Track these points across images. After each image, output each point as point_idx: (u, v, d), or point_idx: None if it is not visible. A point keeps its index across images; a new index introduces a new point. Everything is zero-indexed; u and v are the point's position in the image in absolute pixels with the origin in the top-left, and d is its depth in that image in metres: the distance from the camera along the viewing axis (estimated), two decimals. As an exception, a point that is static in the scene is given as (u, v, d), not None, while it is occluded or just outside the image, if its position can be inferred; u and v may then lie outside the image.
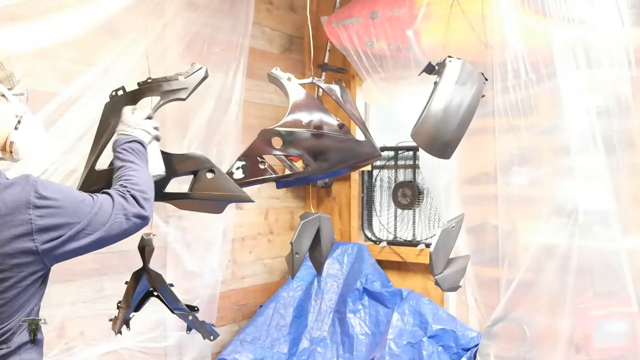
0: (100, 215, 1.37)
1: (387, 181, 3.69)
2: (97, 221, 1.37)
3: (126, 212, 1.41)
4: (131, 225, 1.43)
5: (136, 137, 1.62)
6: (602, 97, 2.33)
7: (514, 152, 2.62)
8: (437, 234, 1.93)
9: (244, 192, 1.76)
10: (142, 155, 1.60)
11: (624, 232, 2.30)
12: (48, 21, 2.28)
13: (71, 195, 1.37)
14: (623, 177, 2.27)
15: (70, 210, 1.34)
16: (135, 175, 1.51)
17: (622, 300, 2.34)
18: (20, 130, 1.43)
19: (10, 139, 1.42)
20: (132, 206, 1.43)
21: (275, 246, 3.77)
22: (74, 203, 1.35)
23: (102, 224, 1.37)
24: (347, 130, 1.85)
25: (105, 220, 1.38)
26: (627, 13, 2.21)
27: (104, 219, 1.38)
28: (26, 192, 1.29)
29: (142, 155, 1.60)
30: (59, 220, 1.32)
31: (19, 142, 1.43)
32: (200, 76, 1.78)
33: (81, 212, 1.35)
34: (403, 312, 3.15)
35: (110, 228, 1.39)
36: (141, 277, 1.88)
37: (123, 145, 1.59)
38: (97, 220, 1.37)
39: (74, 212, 1.34)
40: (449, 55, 1.87)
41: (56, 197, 1.33)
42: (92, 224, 1.36)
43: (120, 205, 1.41)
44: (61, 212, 1.32)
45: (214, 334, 2.04)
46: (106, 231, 1.38)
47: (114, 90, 1.79)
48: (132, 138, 1.61)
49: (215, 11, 3.02)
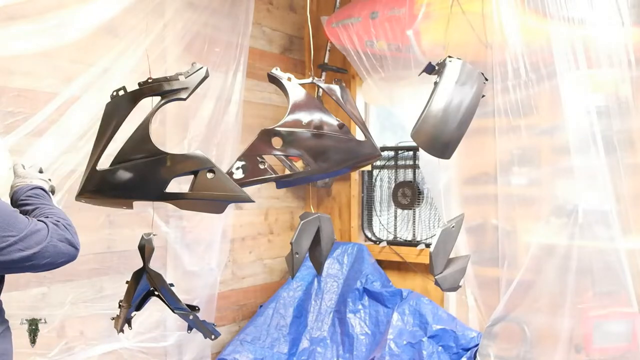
0: (36, 235, 1.40)
1: (387, 181, 3.69)
2: (32, 239, 1.39)
3: (60, 237, 1.45)
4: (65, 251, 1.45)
5: (36, 184, 1.65)
6: (602, 97, 2.33)
7: (514, 152, 2.62)
8: (437, 234, 1.93)
9: (244, 192, 1.75)
10: (48, 198, 1.63)
11: (624, 232, 2.30)
12: (48, 21, 2.28)
13: (6, 212, 1.40)
14: (623, 177, 2.28)
15: (3, 225, 1.36)
16: (55, 211, 1.54)
17: (622, 300, 2.34)
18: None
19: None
20: (68, 233, 1.47)
21: (275, 246, 3.77)
22: (8, 217, 1.38)
23: (37, 243, 1.40)
24: (347, 130, 1.85)
25: (41, 240, 1.41)
26: (627, 13, 2.21)
27: (40, 239, 1.41)
28: None
29: (48, 199, 1.63)
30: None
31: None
32: (201, 76, 1.78)
33: (15, 227, 1.37)
34: (403, 312, 3.15)
35: (45, 249, 1.41)
36: (141, 276, 1.89)
37: (27, 193, 1.61)
38: (32, 238, 1.40)
39: (6, 228, 1.36)
40: (449, 55, 1.87)
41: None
42: (27, 240, 1.39)
43: (54, 230, 1.45)
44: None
45: (215, 333, 2.04)
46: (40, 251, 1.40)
47: (115, 91, 1.79)
48: (32, 185, 1.64)
49: (215, 11, 3.02)
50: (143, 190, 1.72)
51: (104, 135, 1.78)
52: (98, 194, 1.81)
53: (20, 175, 1.69)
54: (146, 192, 1.72)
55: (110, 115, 1.79)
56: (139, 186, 1.72)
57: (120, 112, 1.77)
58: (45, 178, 1.73)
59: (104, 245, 2.68)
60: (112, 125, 1.77)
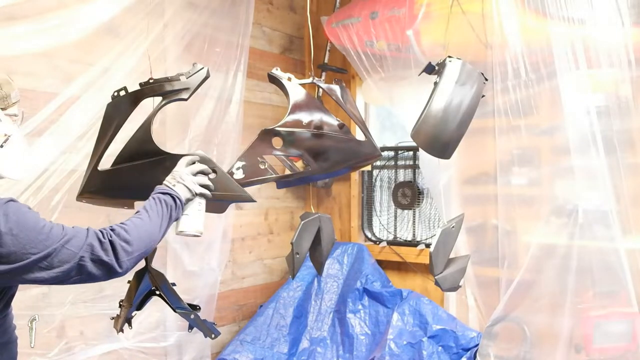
0: (62, 253, 1.33)
1: (387, 181, 3.69)
2: (57, 257, 1.32)
3: (94, 257, 1.36)
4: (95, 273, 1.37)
5: (172, 191, 1.60)
6: (602, 97, 2.34)
7: (514, 152, 2.62)
8: (437, 234, 1.93)
9: (245, 192, 1.76)
10: (167, 209, 1.56)
11: (624, 232, 2.30)
12: (48, 21, 2.28)
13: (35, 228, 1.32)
14: (623, 177, 2.28)
15: (30, 243, 1.30)
16: (136, 224, 1.47)
17: (622, 300, 2.34)
18: (4, 149, 1.43)
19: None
20: (105, 253, 1.37)
21: (275, 246, 3.77)
22: (33, 236, 1.31)
23: (62, 261, 1.33)
24: (348, 130, 1.85)
25: (68, 259, 1.33)
26: (627, 13, 2.21)
27: (67, 257, 1.33)
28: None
29: (167, 209, 1.56)
30: (13, 252, 1.28)
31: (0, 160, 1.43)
32: (202, 76, 1.78)
33: (38, 244, 1.31)
34: (403, 312, 3.15)
35: (71, 269, 1.33)
36: (143, 276, 1.89)
37: (156, 195, 1.58)
38: (58, 256, 1.32)
39: (32, 246, 1.30)
40: (449, 56, 1.87)
41: (12, 227, 1.29)
42: (50, 259, 1.31)
43: (90, 248, 1.36)
44: (17, 243, 1.29)
45: (215, 332, 2.04)
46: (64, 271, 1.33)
47: (116, 91, 1.79)
48: (167, 190, 1.59)
49: (215, 11, 3.02)
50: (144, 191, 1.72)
51: (105, 136, 1.79)
52: (99, 194, 1.81)
53: (173, 173, 1.64)
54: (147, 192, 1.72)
55: (111, 115, 1.79)
56: (140, 186, 1.72)
57: (121, 113, 1.77)
58: (195, 184, 1.65)
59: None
60: (113, 126, 1.77)
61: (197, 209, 1.67)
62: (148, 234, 1.49)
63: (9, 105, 1.46)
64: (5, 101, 1.45)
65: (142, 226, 1.48)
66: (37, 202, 2.28)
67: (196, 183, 1.66)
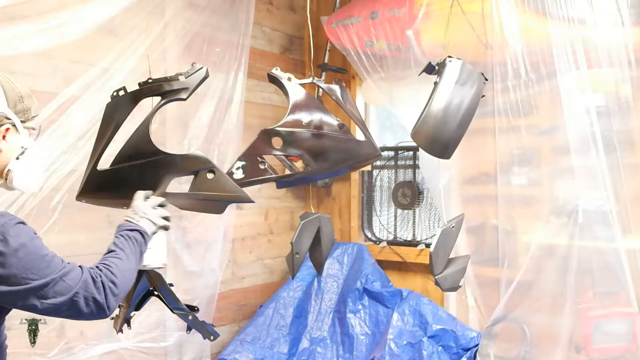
0: (59, 285, 1.31)
1: (387, 181, 3.69)
2: (53, 289, 1.31)
3: (87, 294, 1.34)
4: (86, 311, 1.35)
5: (138, 226, 1.60)
6: (602, 97, 2.34)
7: (514, 152, 2.62)
8: (437, 234, 1.93)
9: (244, 192, 1.76)
10: (137, 245, 1.57)
11: (624, 232, 2.30)
12: (48, 21, 2.28)
13: (38, 255, 1.31)
14: (623, 177, 2.28)
15: (30, 268, 1.29)
16: (118, 265, 1.46)
17: (622, 300, 2.34)
18: (20, 161, 1.44)
19: (9, 167, 1.43)
20: (98, 293, 1.36)
21: (275, 246, 3.77)
22: (35, 263, 1.30)
23: (58, 293, 1.31)
24: (347, 130, 1.85)
25: (63, 292, 1.32)
26: (627, 13, 2.21)
27: (62, 290, 1.32)
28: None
29: (137, 246, 1.57)
30: (13, 274, 1.27)
31: (15, 171, 1.43)
32: (201, 76, 1.78)
33: (39, 271, 1.30)
34: (403, 312, 3.15)
35: (63, 303, 1.32)
36: (141, 276, 1.88)
37: (123, 232, 1.58)
38: (54, 288, 1.31)
39: (32, 272, 1.29)
40: (449, 55, 1.87)
41: (20, 250, 1.28)
42: (46, 289, 1.30)
43: (85, 285, 1.35)
44: (18, 266, 1.27)
45: (214, 334, 2.04)
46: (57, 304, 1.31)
47: (115, 91, 1.79)
48: (134, 227, 1.60)
49: (215, 11, 3.02)
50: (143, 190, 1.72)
51: (104, 136, 1.79)
52: (98, 194, 1.81)
53: (133, 209, 1.65)
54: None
55: (111, 115, 1.79)
56: (139, 186, 1.72)
57: (121, 113, 1.77)
58: (157, 217, 1.66)
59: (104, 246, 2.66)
60: (113, 126, 1.77)
61: (160, 242, 1.69)
62: (129, 273, 1.50)
63: (28, 119, 1.47)
64: (25, 114, 1.46)
65: (123, 266, 1.48)
66: (37, 202, 2.28)
67: (158, 216, 1.67)
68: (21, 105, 1.44)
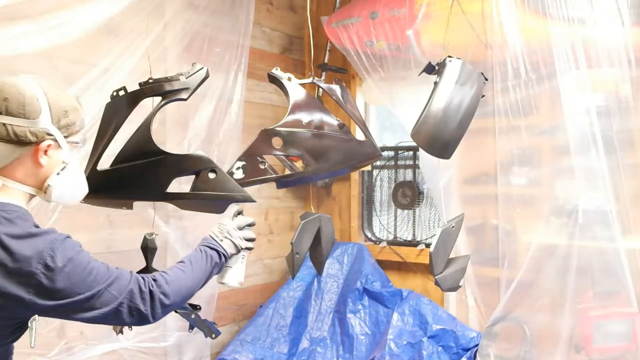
0: (103, 297, 1.35)
1: (387, 181, 3.69)
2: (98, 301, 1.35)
3: (132, 304, 1.39)
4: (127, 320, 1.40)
5: (220, 247, 1.63)
6: (602, 97, 2.34)
7: (514, 152, 2.62)
8: (437, 234, 1.93)
9: (245, 192, 1.76)
10: (211, 265, 1.59)
11: (624, 232, 2.30)
12: (48, 21, 2.28)
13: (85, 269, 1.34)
14: (623, 177, 2.28)
15: (77, 283, 1.32)
16: (178, 276, 1.50)
17: (622, 300, 2.34)
18: (61, 177, 1.44)
19: (48, 182, 1.43)
20: (143, 304, 1.40)
21: (275, 246, 3.77)
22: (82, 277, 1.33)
23: (103, 304, 1.35)
24: (348, 130, 1.85)
25: (107, 303, 1.36)
26: (627, 13, 2.21)
27: (107, 301, 1.36)
28: (44, 248, 1.29)
29: (210, 265, 1.59)
30: (62, 288, 1.30)
31: (55, 187, 1.43)
32: (202, 76, 1.78)
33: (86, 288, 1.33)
34: (403, 312, 3.15)
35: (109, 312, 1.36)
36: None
37: (203, 247, 1.61)
38: (99, 300, 1.35)
39: (78, 286, 1.32)
40: (449, 55, 1.87)
41: (68, 266, 1.31)
42: (92, 300, 1.34)
43: (131, 295, 1.39)
44: (66, 281, 1.31)
45: (216, 332, 2.04)
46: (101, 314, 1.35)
47: (115, 91, 1.79)
48: (215, 246, 1.62)
49: (215, 11, 3.02)
50: (144, 191, 1.72)
51: (104, 136, 1.79)
52: (98, 194, 1.81)
53: (221, 225, 1.68)
54: (147, 192, 1.72)
55: (111, 115, 1.79)
56: (139, 186, 1.72)
57: (121, 113, 1.77)
58: (241, 239, 1.69)
59: (104, 246, 2.68)
60: (112, 126, 1.77)
61: (240, 262, 1.72)
62: (187, 288, 1.52)
63: (72, 133, 1.46)
64: (68, 129, 1.45)
65: (183, 280, 1.51)
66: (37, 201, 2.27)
67: (243, 238, 1.70)
68: (65, 120, 1.43)
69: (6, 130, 1.33)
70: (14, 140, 1.34)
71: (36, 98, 1.37)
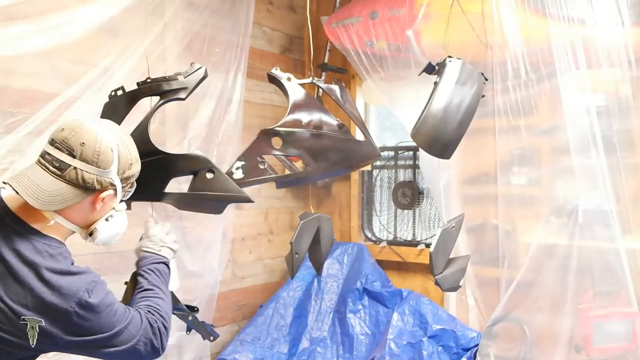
0: (124, 334, 1.42)
1: (387, 181, 3.69)
2: (119, 338, 1.41)
3: (147, 340, 1.46)
4: (144, 354, 1.47)
5: (163, 258, 1.66)
6: (602, 97, 2.33)
7: (514, 152, 2.62)
8: (437, 234, 1.93)
9: (243, 192, 1.76)
10: (166, 278, 1.64)
11: (624, 232, 2.30)
12: (48, 21, 2.28)
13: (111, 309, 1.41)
14: (623, 177, 2.27)
15: (103, 322, 1.38)
16: (162, 306, 1.55)
17: (622, 300, 2.34)
18: (109, 223, 1.49)
19: (96, 226, 1.47)
20: (155, 338, 1.48)
21: (275, 246, 3.77)
22: (109, 317, 1.39)
23: (123, 342, 1.42)
24: (347, 130, 1.85)
25: (127, 341, 1.42)
26: (627, 13, 2.21)
27: (127, 339, 1.42)
28: (80, 287, 1.35)
29: (166, 279, 1.64)
30: (89, 326, 1.36)
31: (101, 232, 1.48)
32: (200, 76, 1.78)
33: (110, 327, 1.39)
34: (403, 312, 3.15)
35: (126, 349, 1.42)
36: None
37: (151, 266, 1.63)
38: (119, 338, 1.41)
39: (104, 325, 1.38)
40: (449, 55, 1.87)
41: (100, 306, 1.37)
42: (113, 339, 1.40)
43: (145, 332, 1.46)
44: (95, 321, 1.37)
45: (214, 334, 2.04)
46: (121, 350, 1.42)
47: (114, 90, 1.79)
48: (160, 259, 1.65)
49: (215, 11, 3.02)
50: (142, 191, 1.71)
51: (103, 136, 1.78)
52: (97, 194, 1.80)
53: (151, 237, 1.71)
54: (145, 192, 1.72)
55: (109, 115, 1.79)
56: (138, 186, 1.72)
57: (119, 112, 1.77)
58: (172, 243, 1.73)
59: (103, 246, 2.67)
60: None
61: (174, 267, 1.74)
62: (170, 309, 1.59)
63: (130, 184, 1.52)
64: (129, 180, 1.49)
65: (165, 305, 1.57)
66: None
67: (172, 241, 1.74)
68: (128, 172, 1.47)
69: (76, 174, 1.36)
70: (80, 185, 1.37)
71: (111, 149, 1.40)
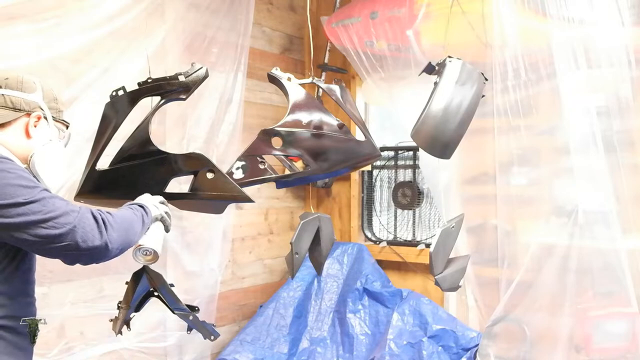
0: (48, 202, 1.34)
1: (387, 181, 3.69)
2: (46, 207, 1.33)
3: (89, 219, 1.37)
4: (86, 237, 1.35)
5: (142, 203, 1.64)
6: (602, 97, 2.33)
7: (513, 152, 2.62)
8: (437, 234, 1.92)
9: (243, 192, 1.75)
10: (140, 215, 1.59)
11: (624, 232, 2.30)
12: (48, 21, 2.28)
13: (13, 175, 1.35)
14: (623, 177, 2.27)
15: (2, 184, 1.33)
16: (118, 213, 1.51)
17: (622, 300, 2.34)
18: (45, 148, 1.54)
19: (33, 151, 1.53)
20: (98, 225, 1.38)
21: (275, 246, 3.77)
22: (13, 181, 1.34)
23: (65, 223, 1.33)
24: (347, 130, 1.85)
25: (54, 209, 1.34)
26: (627, 13, 2.21)
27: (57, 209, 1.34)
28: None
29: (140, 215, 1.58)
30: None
31: (37, 157, 1.53)
32: (201, 76, 1.78)
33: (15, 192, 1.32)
34: (403, 312, 3.15)
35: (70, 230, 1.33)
36: (141, 277, 1.88)
37: (131, 205, 1.62)
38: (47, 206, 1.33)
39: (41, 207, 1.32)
40: (449, 55, 1.87)
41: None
42: (57, 219, 1.33)
43: (87, 210, 1.38)
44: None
45: (215, 334, 2.03)
46: (65, 232, 1.33)
47: (115, 90, 1.79)
48: (138, 203, 1.64)
49: (216, 11, 3.02)
50: (142, 190, 1.72)
51: (103, 135, 1.79)
52: (97, 193, 1.81)
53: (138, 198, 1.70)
54: (145, 192, 1.72)
55: (110, 115, 1.79)
56: (138, 186, 1.72)
57: (120, 112, 1.77)
58: (162, 210, 1.69)
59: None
60: (112, 126, 1.77)
61: (157, 230, 1.68)
62: (126, 222, 1.51)
63: (60, 118, 1.63)
64: (57, 113, 1.61)
65: (123, 215, 1.52)
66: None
67: (162, 208, 1.71)
68: (54, 104, 1.60)
69: (4, 99, 1.52)
70: (10, 106, 1.51)
71: (32, 81, 1.58)
